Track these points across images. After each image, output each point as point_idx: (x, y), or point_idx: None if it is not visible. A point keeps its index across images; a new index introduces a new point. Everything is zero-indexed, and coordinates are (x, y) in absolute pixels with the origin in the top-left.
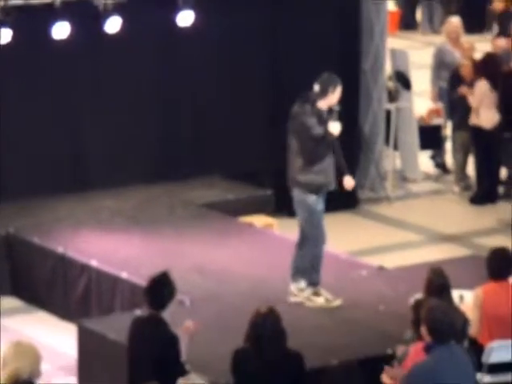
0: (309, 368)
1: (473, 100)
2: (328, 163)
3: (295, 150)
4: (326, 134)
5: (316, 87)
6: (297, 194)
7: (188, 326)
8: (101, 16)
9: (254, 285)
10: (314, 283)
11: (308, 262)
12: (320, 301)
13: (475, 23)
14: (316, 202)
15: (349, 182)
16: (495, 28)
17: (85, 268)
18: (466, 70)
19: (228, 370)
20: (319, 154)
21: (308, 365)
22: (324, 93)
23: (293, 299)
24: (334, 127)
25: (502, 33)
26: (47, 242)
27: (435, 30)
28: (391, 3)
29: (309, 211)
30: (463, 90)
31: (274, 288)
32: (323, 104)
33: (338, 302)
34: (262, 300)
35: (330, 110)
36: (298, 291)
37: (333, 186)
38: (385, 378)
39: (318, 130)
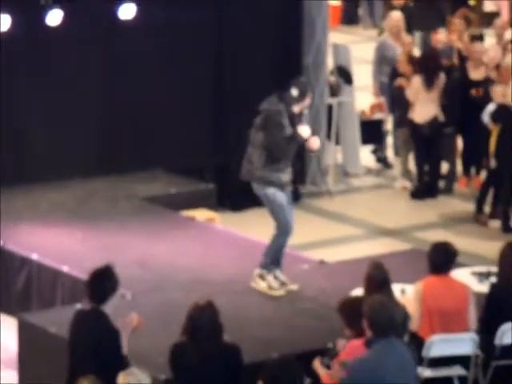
0: (247, 361)
1: (409, 95)
2: (285, 164)
3: (260, 145)
4: (296, 135)
5: (294, 91)
6: (256, 187)
7: (131, 319)
8: (42, 8)
9: (195, 279)
10: (264, 267)
11: (273, 249)
12: (262, 285)
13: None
14: (275, 193)
15: (315, 142)
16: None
17: (25, 262)
18: (403, 66)
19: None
20: (287, 153)
21: (247, 358)
22: (302, 97)
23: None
24: (305, 130)
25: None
26: None
27: (376, 25)
28: None
29: (270, 203)
30: (401, 81)
31: (214, 282)
32: (297, 107)
33: (279, 293)
34: (203, 294)
35: (300, 114)
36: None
37: (287, 187)
38: (317, 366)
39: (289, 131)
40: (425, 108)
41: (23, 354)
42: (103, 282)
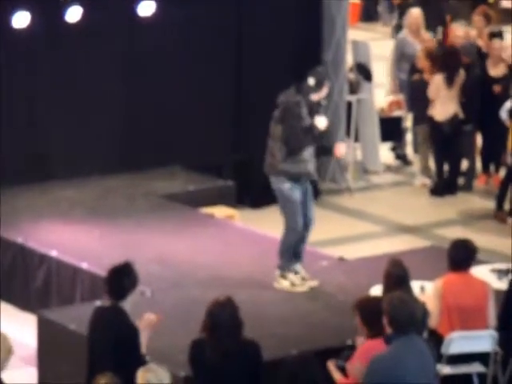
0: (267, 359)
1: (430, 92)
2: (309, 154)
3: (279, 138)
4: (312, 126)
5: (311, 80)
6: (273, 180)
7: (150, 318)
8: (61, 5)
9: (214, 276)
10: (281, 268)
11: (285, 247)
12: (285, 284)
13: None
14: (291, 190)
15: (341, 148)
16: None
17: (45, 258)
18: (421, 62)
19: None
20: (303, 145)
21: (266, 355)
22: (319, 86)
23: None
24: (321, 121)
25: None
26: (7, 232)
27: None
28: None
29: (283, 199)
30: (418, 76)
31: (233, 279)
32: (315, 97)
33: (302, 288)
34: (222, 291)
35: (318, 104)
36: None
37: (313, 177)
38: (331, 368)
39: (307, 122)
40: (445, 105)
41: (43, 350)
42: (122, 278)
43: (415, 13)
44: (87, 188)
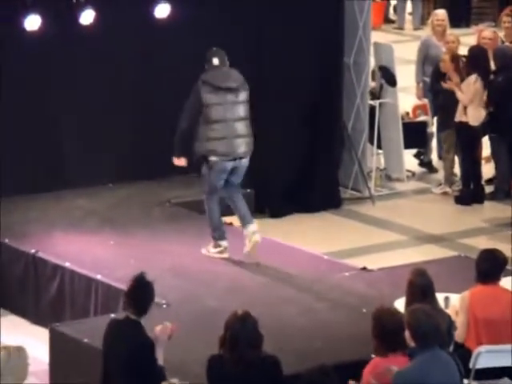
0: (287, 373)
1: (463, 96)
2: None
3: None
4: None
5: (215, 60)
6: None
7: (165, 328)
8: (74, 8)
9: (231, 287)
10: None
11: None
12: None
13: (459, 17)
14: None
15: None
16: None
17: (57, 270)
18: (446, 65)
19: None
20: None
21: (287, 370)
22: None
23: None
24: None
25: None
26: (18, 243)
27: (417, 25)
28: None
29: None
30: (450, 84)
31: (251, 290)
32: None
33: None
34: (239, 302)
35: None
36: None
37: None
38: None
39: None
40: (478, 109)
41: (55, 365)
42: (145, 294)
43: (440, 14)
44: (101, 197)
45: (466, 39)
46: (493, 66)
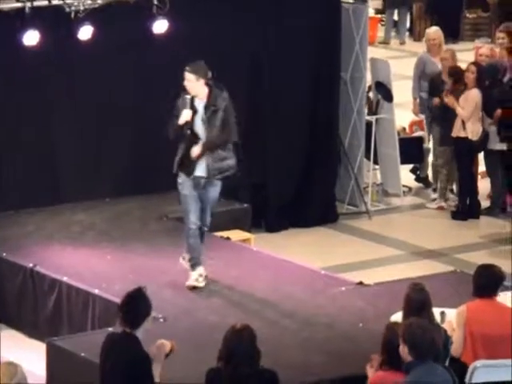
0: None
1: (462, 112)
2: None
3: None
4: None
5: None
6: None
7: (164, 346)
8: (72, 23)
9: (229, 301)
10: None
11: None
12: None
13: (450, 32)
14: (181, 184)
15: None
16: None
17: (55, 284)
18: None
19: None
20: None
21: None
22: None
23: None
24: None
25: None
26: (16, 257)
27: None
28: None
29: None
30: (450, 99)
31: (249, 304)
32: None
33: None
34: (237, 317)
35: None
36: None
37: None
38: None
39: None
40: (476, 124)
41: (52, 380)
42: (137, 307)
43: (432, 32)
44: (98, 211)
45: (463, 55)
46: None
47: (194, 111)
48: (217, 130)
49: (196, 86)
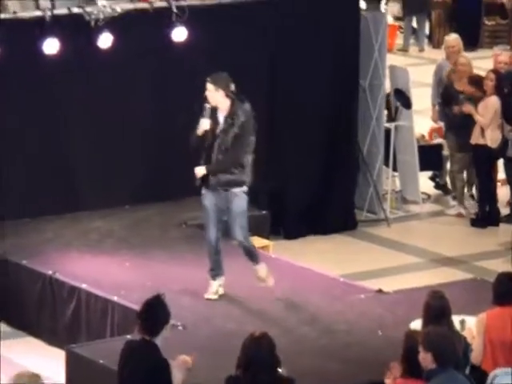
0: None
1: (482, 119)
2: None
3: None
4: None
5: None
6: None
7: (185, 361)
8: (92, 31)
9: (248, 309)
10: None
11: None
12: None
13: (469, 40)
14: (202, 196)
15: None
16: None
17: (74, 291)
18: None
19: None
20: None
21: None
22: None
23: None
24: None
25: None
26: (35, 264)
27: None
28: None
29: None
30: (469, 108)
31: (267, 312)
32: None
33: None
34: (255, 324)
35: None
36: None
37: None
38: None
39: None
40: (495, 131)
41: None
42: (156, 314)
43: (451, 40)
44: (117, 219)
45: (480, 62)
46: None
47: (216, 123)
48: (225, 149)
49: (215, 96)
